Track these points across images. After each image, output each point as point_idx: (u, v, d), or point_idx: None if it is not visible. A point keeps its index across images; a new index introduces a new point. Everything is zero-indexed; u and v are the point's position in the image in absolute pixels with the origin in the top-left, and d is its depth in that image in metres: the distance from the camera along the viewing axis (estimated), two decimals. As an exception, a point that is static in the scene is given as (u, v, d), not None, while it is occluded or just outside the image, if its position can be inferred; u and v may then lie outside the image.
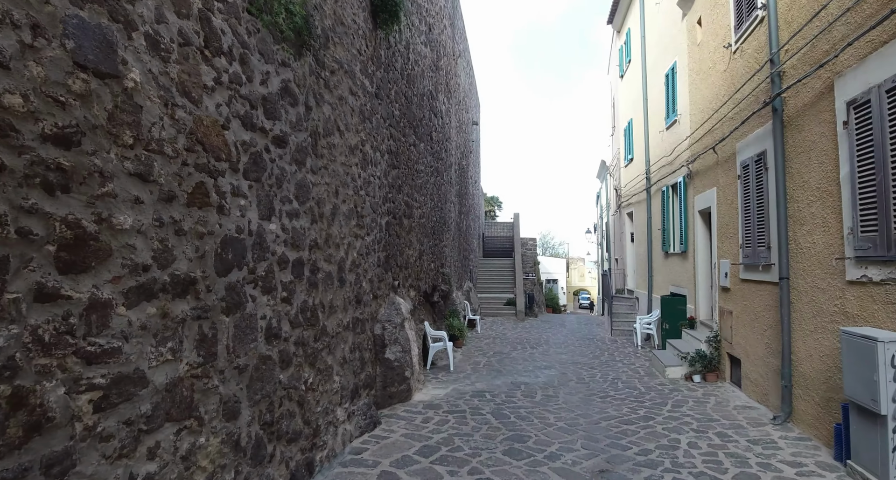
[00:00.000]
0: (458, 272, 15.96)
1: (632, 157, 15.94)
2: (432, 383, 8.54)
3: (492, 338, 14.24)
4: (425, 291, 10.08)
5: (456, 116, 15.40)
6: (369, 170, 6.37)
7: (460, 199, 16.78)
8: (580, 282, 48.94)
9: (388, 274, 7.24)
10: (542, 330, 17.03)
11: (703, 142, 9.74)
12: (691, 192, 10.64)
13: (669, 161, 12.02)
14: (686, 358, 9.08)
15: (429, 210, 10.70)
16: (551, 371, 9.91)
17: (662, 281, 12.94)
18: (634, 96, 15.47)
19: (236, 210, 3.41)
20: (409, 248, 8.70)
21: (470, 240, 20.16)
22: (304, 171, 4.45)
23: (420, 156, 9.78)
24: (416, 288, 9.22)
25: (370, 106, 6.40)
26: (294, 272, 4.23)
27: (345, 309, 5.43)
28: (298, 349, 4.30)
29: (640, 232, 15.16)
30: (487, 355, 11.51)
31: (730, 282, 8.49)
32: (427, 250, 10.42)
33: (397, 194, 7.87)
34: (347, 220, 5.54)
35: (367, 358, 6.23)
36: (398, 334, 6.96)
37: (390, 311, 7.07)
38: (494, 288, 22.39)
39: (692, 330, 10.24)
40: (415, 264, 9.09)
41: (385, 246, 7.13)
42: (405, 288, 8.31)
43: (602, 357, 11.58)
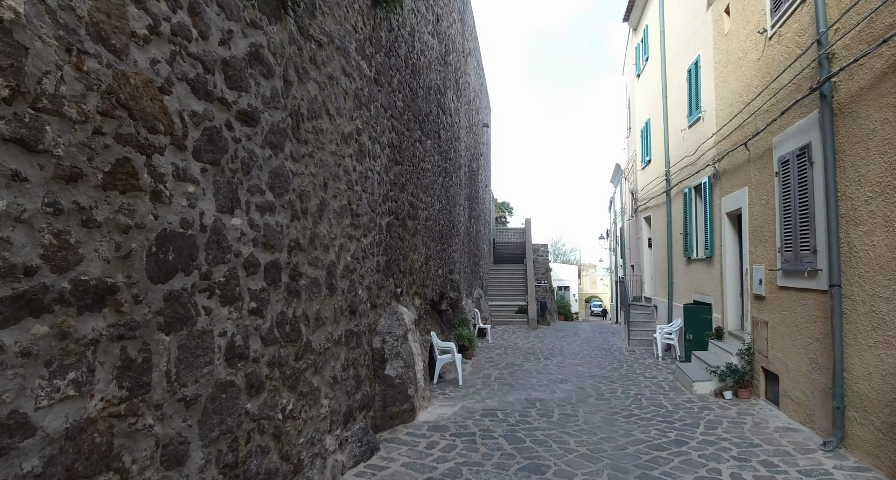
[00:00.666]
0: (467, 278, 15.17)
1: (649, 159, 15.09)
2: (439, 400, 7.73)
3: (503, 348, 13.40)
4: (432, 299, 9.30)
5: (466, 116, 14.66)
6: (367, 163, 5.62)
7: (470, 203, 16.00)
8: (592, 289, 47.86)
9: (389, 281, 6.47)
10: (555, 339, 16.16)
11: (732, 139, 8.90)
12: (717, 193, 9.78)
13: (692, 161, 11.17)
14: (716, 373, 8.20)
15: (436, 212, 9.94)
16: (568, 385, 9.06)
17: (684, 289, 12.06)
18: (652, 95, 14.64)
19: (181, 198, 2.65)
20: (414, 252, 7.93)
21: (480, 245, 19.37)
22: (282, 157, 3.70)
23: (426, 154, 9.03)
24: (422, 296, 8.44)
25: (368, 91, 5.66)
26: (268, 278, 3.47)
27: (336, 321, 4.66)
28: (274, 370, 3.53)
29: (658, 236, 14.28)
30: (499, 367, 10.69)
31: (765, 290, 7.63)
32: (434, 255, 9.65)
33: (400, 193, 7.11)
34: (339, 219, 4.78)
35: (363, 375, 5.45)
36: (400, 347, 6.17)
37: (391, 322, 6.29)
38: (505, 296, 21.55)
39: (720, 342, 9.36)
40: (420, 270, 8.32)
41: (386, 249, 6.36)
42: (409, 295, 7.54)
43: (621, 369, 10.70)
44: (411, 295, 7.66)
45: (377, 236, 6.02)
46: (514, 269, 23.88)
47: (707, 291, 10.47)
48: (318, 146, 4.31)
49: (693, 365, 9.41)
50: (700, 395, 8.21)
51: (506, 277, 23.22)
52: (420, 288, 8.30)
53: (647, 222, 16.01)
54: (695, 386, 8.33)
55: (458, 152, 13.02)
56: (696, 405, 7.62)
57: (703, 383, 8.34)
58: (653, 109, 14.62)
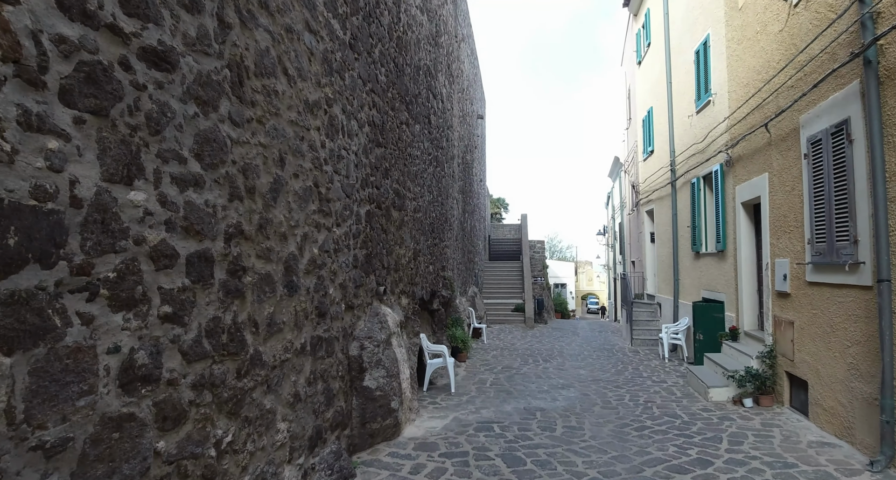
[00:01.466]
0: (461, 276, 14.35)
1: (652, 149, 14.29)
2: (428, 410, 6.91)
3: (499, 349, 12.59)
4: (422, 298, 8.48)
5: (459, 105, 13.83)
6: (340, 140, 4.78)
7: (464, 197, 15.17)
8: (588, 287, 47.10)
9: (369, 278, 5.64)
10: (553, 338, 15.37)
11: (749, 122, 8.10)
12: (731, 182, 8.99)
13: (701, 149, 10.38)
14: (734, 378, 7.40)
15: (426, 203, 9.11)
16: (570, 391, 8.25)
17: (691, 285, 11.27)
18: (655, 82, 13.84)
19: (35, 157, 1.82)
20: (401, 246, 7.10)
21: (475, 241, 18.55)
22: (216, 119, 2.86)
23: (415, 140, 8.20)
24: (410, 295, 7.62)
25: (341, 57, 4.82)
26: (192, 273, 2.64)
27: (297, 327, 3.83)
28: (203, 394, 2.70)
29: (662, 230, 13.49)
30: (495, 371, 9.87)
31: (790, 286, 6.83)
32: (424, 250, 8.82)
33: (383, 179, 6.28)
34: (302, 203, 3.95)
35: (336, 389, 4.62)
36: (382, 354, 5.34)
37: (372, 325, 5.45)
38: (501, 294, 20.74)
39: (735, 343, 8.57)
40: (408, 266, 7.49)
41: (365, 241, 5.53)
42: (395, 294, 6.71)
43: (626, 372, 9.91)
44: (397, 293, 6.83)
45: (355, 226, 5.18)
46: (510, 266, 23.07)
47: (718, 288, 9.68)
48: (272, 111, 3.47)
49: (706, 369, 8.62)
50: (717, 403, 7.42)
51: (501, 274, 22.42)
52: (408, 286, 7.48)
53: (649, 216, 15.22)
54: (710, 392, 7.54)
55: (450, 141, 12.19)
56: (715, 414, 6.82)
57: (720, 389, 7.54)
58: (656, 97, 13.82)
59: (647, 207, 15.18)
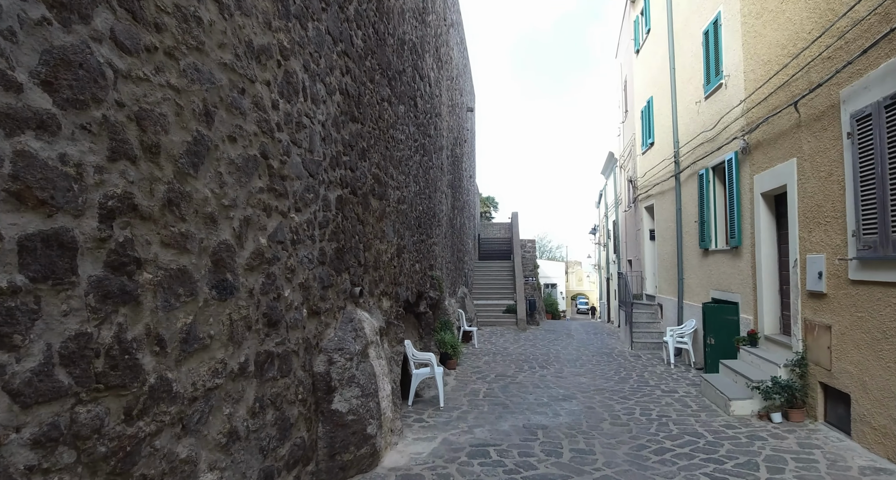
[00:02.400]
0: (451, 276, 13.40)
1: (652, 142, 13.44)
2: (414, 430, 5.94)
3: (492, 354, 11.65)
4: (407, 300, 7.51)
5: (448, 93, 12.89)
6: (301, 105, 3.81)
7: (454, 192, 14.23)
8: (578, 287, 46.33)
9: (341, 277, 4.67)
10: (547, 341, 14.46)
11: (772, 103, 7.24)
12: (747, 171, 8.13)
13: (711, 137, 9.52)
14: (759, 389, 6.52)
15: (412, 195, 8.15)
16: (573, 404, 7.33)
17: (698, 285, 10.41)
18: (656, 70, 12.99)
19: None
20: (382, 241, 6.13)
21: (465, 239, 17.61)
22: (86, 35, 1.89)
23: (399, 122, 7.24)
24: (393, 297, 6.65)
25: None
26: (31, 266, 1.67)
27: (234, 341, 2.86)
28: (54, 453, 1.73)
29: (664, 227, 12.63)
30: (488, 379, 8.93)
31: (826, 286, 5.97)
32: (410, 246, 7.86)
33: (360, 160, 5.32)
34: (243, 177, 2.98)
35: (295, 416, 3.65)
36: (356, 369, 4.37)
37: (344, 334, 4.48)
38: (492, 294, 19.82)
39: (754, 349, 7.70)
40: (390, 263, 6.52)
41: (336, 233, 4.56)
42: (374, 296, 5.74)
43: (630, 380, 9.01)
44: (377, 295, 5.86)
45: (321, 214, 4.21)
46: (501, 266, 22.17)
47: (731, 288, 8.81)
48: (191, 44, 2.50)
49: (723, 378, 7.74)
50: (740, 417, 6.53)
51: (492, 274, 21.50)
52: (390, 286, 6.51)
53: (648, 212, 14.36)
54: (732, 405, 6.65)
55: (439, 130, 11.24)
56: (741, 432, 5.93)
57: (743, 402, 6.65)
58: (657, 85, 12.97)
59: (646, 203, 14.33)
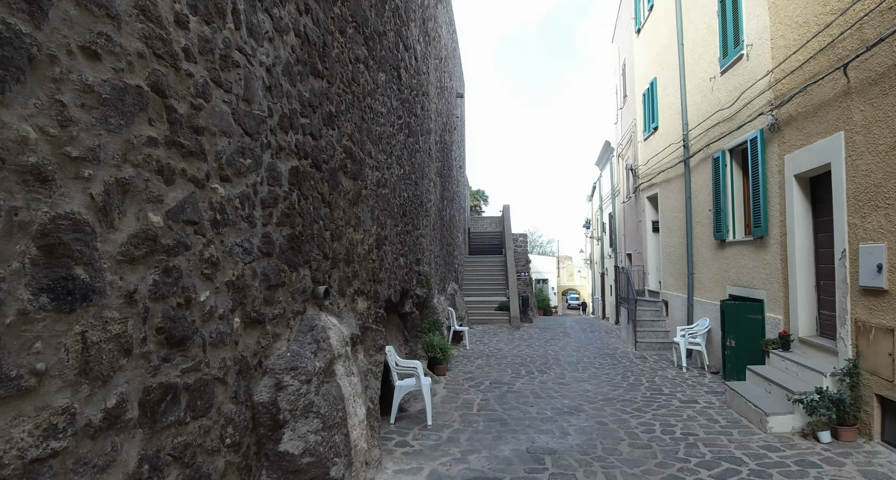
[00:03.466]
0: (440, 271, 12.33)
1: (656, 126, 12.42)
2: (396, 459, 4.87)
3: (485, 357, 10.60)
4: (389, 299, 6.43)
5: (436, 73, 11.78)
6: (229, 33, 2.71)
7: (442, 181, 13.14)
8: (569, 282, 45.43)
9: (297, 274, 3.58)
10: (544, 340, 13.45)
11: (809, 70, 6.24)
12: (776, 151, 7.13)
13: (728, 115, 8.51)
14: (801, 402, 5.53)
15: (395, 179, 7.07)
16: (581, 418, 6.31)
17: (712, 280, 9.42)
18: (662, 48, 11.96)
19: None
20: (356, 230, 5.05)
21: (455, 233, 16.54)
22: None
23: (380, 93, 6.15)
24: (371, 296, 5.57)
25: None
26: None
27: (92, 376, 1.77)
28: None
29: (670, 217, 11.63)
30: (482, 387, 7.88)
31: (888, 281, 4.98)
32: (393, 237, 6.78)
33: (326, 128, 4.22)
34: (116, 116, 1.89)
35: (220, 470, 2.56)
36: (315, 394, 3.29)
37: (301, 348, 3.40)
38: (483, 291, 18.77)
39: (786, 353, 6.72)
40: (368, 257, 5.44)
41: (289, 215, 3.47)
42: (346, 296, 4.65)
43: (640, 387, 8.01)
44: (350, 295, 4.77)
45: (266, 188, 3.12)
46: (492, 261, 21.12)
47: (754, 283, 7.83)
48: None
49: (752, 387, 6.74)
50: (780, 436, 5.54)
51: (483, 270, 20.45)
52: (368, 283, 5.43)
53: (651, 202, 13.37)
54: (770, 421, 5.65)
55: (426, 112, 10.14)
56: (788, 457, 4.92)
57: (782, 417, 5.66)
58: (662, 65, 11.95)
59: (648, 193, 13.33)
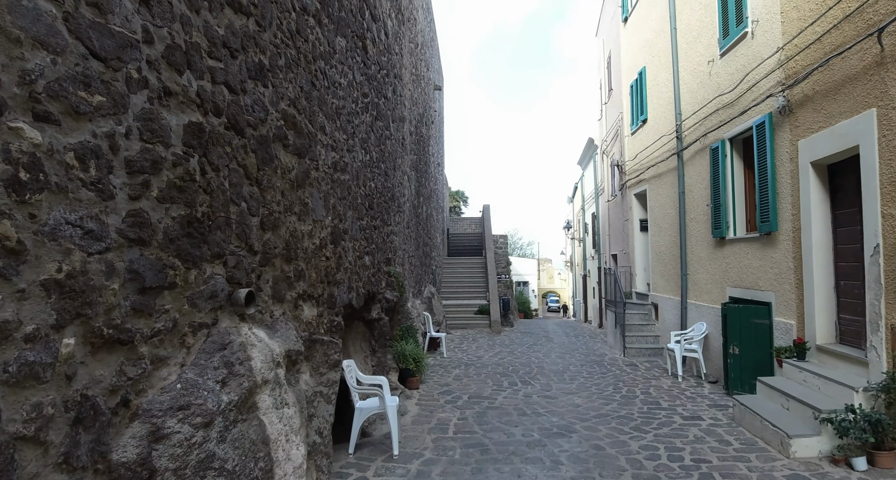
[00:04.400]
0: (415, 273, 11.37)
1: (645, 118, 11.65)
2: (349, 503, 3.91)
3: (463, 366, 9.66)
4: (350, 304, 5.45)
5: (411, 58, 10.84)
6: None
7: (419, 176, 12.20)
8: (549, 284, 44.74)
9: (200, 272, 2.59)
10: (526, 346, 12.57)
11: (829, 42, 5.45)
12: (786, 136, 6.34)
13: (729, 101, 7.73)
14: (831, 422, 4.71)
15: (360, 165, 6.10)
16: (573, 441, 5.40)
17: (710, 281, 8.63)
18: (651, 34, 11.19)
19: None
20: (302, 219, 4.07)
21: (433, 232, 15.60)
22: None
23: (339, 61, 5.19)
24: (324, 301, 4.58)
25: None
26: None
27: None
28: None
29: (660, 215, 10.85)
30: (459, 403, 6.93)
31: (937, 281, 4.18)
32: (356, 232, 5.82)
33: (253, 82, 3.25)
34: None
35: None
36: (215, 443, 2.30)
37: (201, 375, 2.39)
38: (462, 294, 17.84)
39: (802, 363, 5.90)
40: (318, 253, 4.46)
41: (183, 189, 2.48)
42: (285, 302, 3.67)
43: (636, 399, 7.15)
44: (291, 300, 3.79)
45: (140, 144, 2.15)
46: (472, 262, 20.22)
47: (760, 284, 7.03)
48: None
49: (765, 402, 5.91)
50: (806, 461, 4.70)
51: (462, 272, 19.53)
52: (319, 285, 4.45)
53: (639, 200, 12.59)
54: (794, 444, 4.81)
55: (400, 97, 9.19)
56: (824, 491, 4.09)
57: (808, 440, 4.82)
58: (651, 52, 11.18)
59: (636, 189, 12.55)
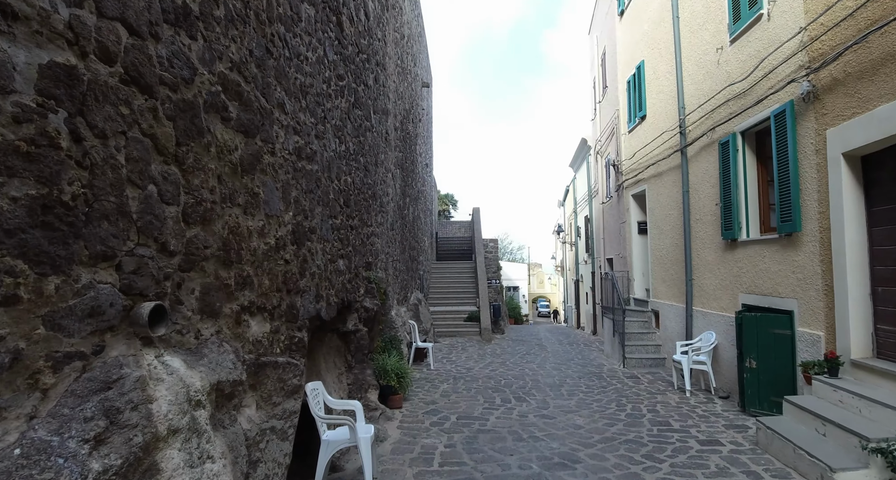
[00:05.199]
0: (400, 278, 10.58)
1: (643, 115, 10.97)
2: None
3: (452, 380, 8.86)
4: (318, 315, 4.65)
5: (396, 50, 10.09)
6: None
7: (405, 175, 11.42)
8: (539, 289, 44.05)
9: (65, 279, 1.80)
10: (518, 356, 11.79)
11: (863, 19, 4.76)
12: (812, 125, 5.65)
13: (741, 90, 7.04)
14: (883, 453, 3.99)
15: (332, 156, 5.33)
16: (578, 474, 4.61)
17: (718, 287, 7.92)
18: (650, 26, 10.53)
19: None
20: (248, 213, 3.27)
21: (420, 235, 14.82)
22: None
23: (304, 31, 4.41)
24: (281, 313, 3.78)
25: None
26: None
27: None
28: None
29: (661, 216, 10.15)
30: (446, 426, 6.12)
31: None
32: (326, 232, 5.03)
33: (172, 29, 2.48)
34: None
35: None
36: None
37: (56, 433, 1.57)
38: (451, 300, 17.06)
39: (835, 380, 5.18)
40: (272, 255, 3.65)
41: (34, 155, 1.70)
42: (221, 317, 2.87)
43: (643, 419, 6.40)
44: (231, 314, 2.99)
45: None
46: (461, 267, 19.46)
47: (780, 290, 6.32)
48: None
49: (793, 424, 5.17)
50: (855, 502, 3.98)
51: (451, 277, 18.75)
52: (273, 295, 3.65)
53: (637, 201, 11.90)
54: (837, 478, 4.09)
55: (383, 87, 8.43)
56: (888, 544, 3.35)
57: (855, 473, 4.09)
58: (651, 45, 10.52)
59: (633, 190, 11.86)
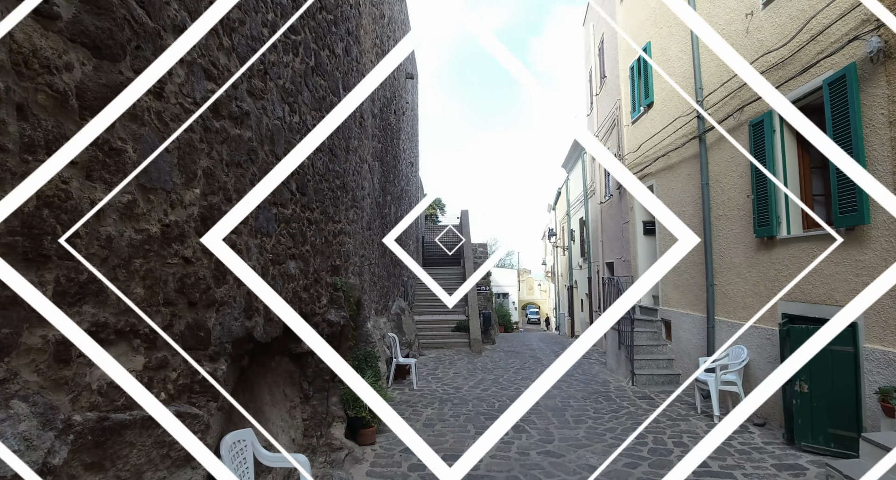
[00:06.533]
0: (380, 285, 9.29)
1: (650, 102, 9.83)
2: None
3: (438, 403, 7.57)
4: (247, 336, 3.37)
5: (375, 27, 8.87)
6: None
7: (385, 170, 10.17)
8: (529, 296, 42.87)
9: None
10: (512, 371, 10.53)
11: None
12: (884, 91, 4.48)
13: (779, 59, 5.90)
14: None
15: (279, 126, 4.07)
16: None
17: (748, 293, 6.72)
18: (657, 3, 9.41)
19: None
20: (96, 180, 2.01)
21: (405, 239, 13.56)
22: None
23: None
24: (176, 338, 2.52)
25: None
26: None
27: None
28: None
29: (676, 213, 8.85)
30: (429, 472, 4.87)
31: None
32: (266, 224, 3.77)
33: None
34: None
35: None
36: None
37: None
38: (438, 308, 15.76)
39: (930, 414, 4.01)
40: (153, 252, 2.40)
41: None
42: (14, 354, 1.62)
43: (670, 457, 5.15)
44: (33, 348, 1.72)
45: None
46: (449, 272, 18.19)
47: (836, 298, 5.13)
48: None
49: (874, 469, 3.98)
50: None
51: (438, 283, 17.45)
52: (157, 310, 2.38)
53: (641, 199, 10.73)
54: (979, 568, 2.88)
55: (356, 62, 7.17)
56: None
57: None
58: (659, 24, 9.39)
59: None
